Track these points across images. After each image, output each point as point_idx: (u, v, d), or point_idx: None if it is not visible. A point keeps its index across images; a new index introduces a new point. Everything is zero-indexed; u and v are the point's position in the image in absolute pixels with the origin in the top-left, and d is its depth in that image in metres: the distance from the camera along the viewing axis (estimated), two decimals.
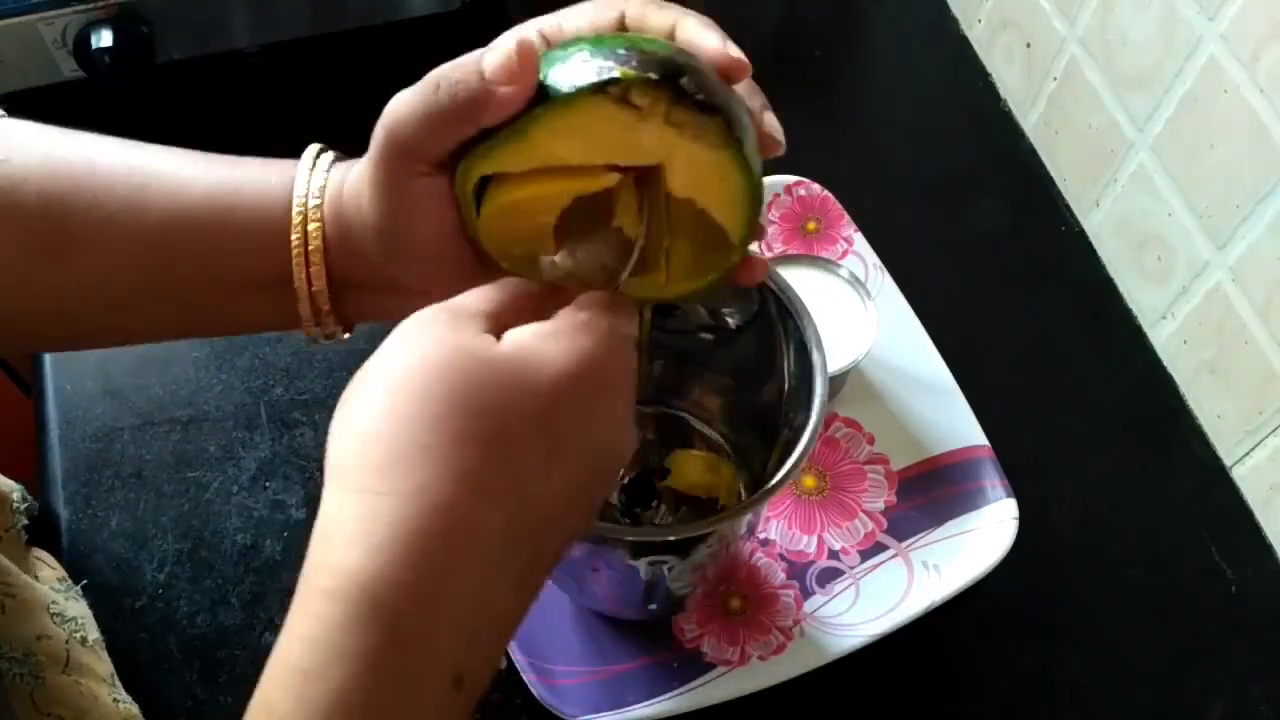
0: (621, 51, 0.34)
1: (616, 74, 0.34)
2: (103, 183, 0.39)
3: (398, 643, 0.28)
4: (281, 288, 0.39)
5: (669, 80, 0.34)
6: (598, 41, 0.35)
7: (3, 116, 0.41)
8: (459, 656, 0.29)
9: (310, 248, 0.39)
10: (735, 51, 0.36)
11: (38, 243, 0.38)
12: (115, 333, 0.43)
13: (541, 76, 0.35)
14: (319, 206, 0.39)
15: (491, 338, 0.32)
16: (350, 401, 0.32)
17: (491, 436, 0.30)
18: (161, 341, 0.46)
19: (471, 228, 0.38)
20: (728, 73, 0.36)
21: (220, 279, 0.40)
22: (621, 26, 0.38)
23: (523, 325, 0.33)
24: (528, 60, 0.33)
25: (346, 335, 0.43)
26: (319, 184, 0.39)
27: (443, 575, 0.29)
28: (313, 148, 0.41)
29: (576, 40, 0.36)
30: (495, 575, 0.30)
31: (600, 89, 0.34)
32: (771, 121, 0.37)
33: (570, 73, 0.34)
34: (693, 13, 0.37)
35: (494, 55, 0.34)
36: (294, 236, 0.39)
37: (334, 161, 0.40)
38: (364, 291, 0.40)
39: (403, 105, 0.35)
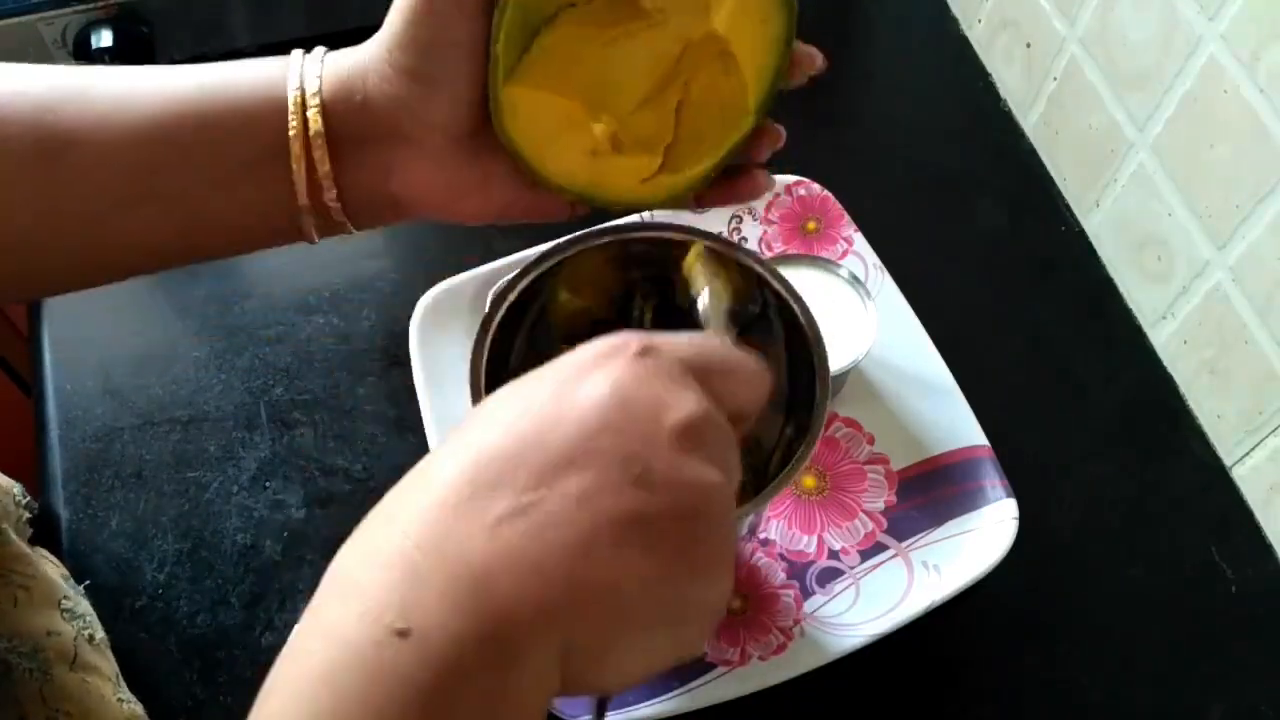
0: None
1: None
2: (96, 88, 0.39)
3: (331, 586, 0.29)
4: (279, 163, 0.40)
5: None
6: None
7: None
8: (399, 603, 0.27)
9: (311, 131, 0.39)
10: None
11: (31, 150, 0.38)
12: (108, 250, 0.42)
13: None
14: (318, 74, 0.40)
15: None
16: None
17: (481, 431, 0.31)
18: (159, 267, 0.45)
19: (495, 34, 0.38)
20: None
21: (214, 164, 0.40)
22: None
23: None
24: None
25: (354, 229, 0.43)
26: (318, 54, 0.41)
27: (376, 522, 0.30)
28: (299, 50, 0.42)
29: None
30: (440, 518, 0.29)
31: None
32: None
33: None
34: None
35: None
36: (291, 89, 0.39)
37: (328, 52, 0.42)
38: (366, 147, 0.40)
39: None
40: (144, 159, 0.39)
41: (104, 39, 0.70)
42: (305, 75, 0.40)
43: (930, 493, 0.65)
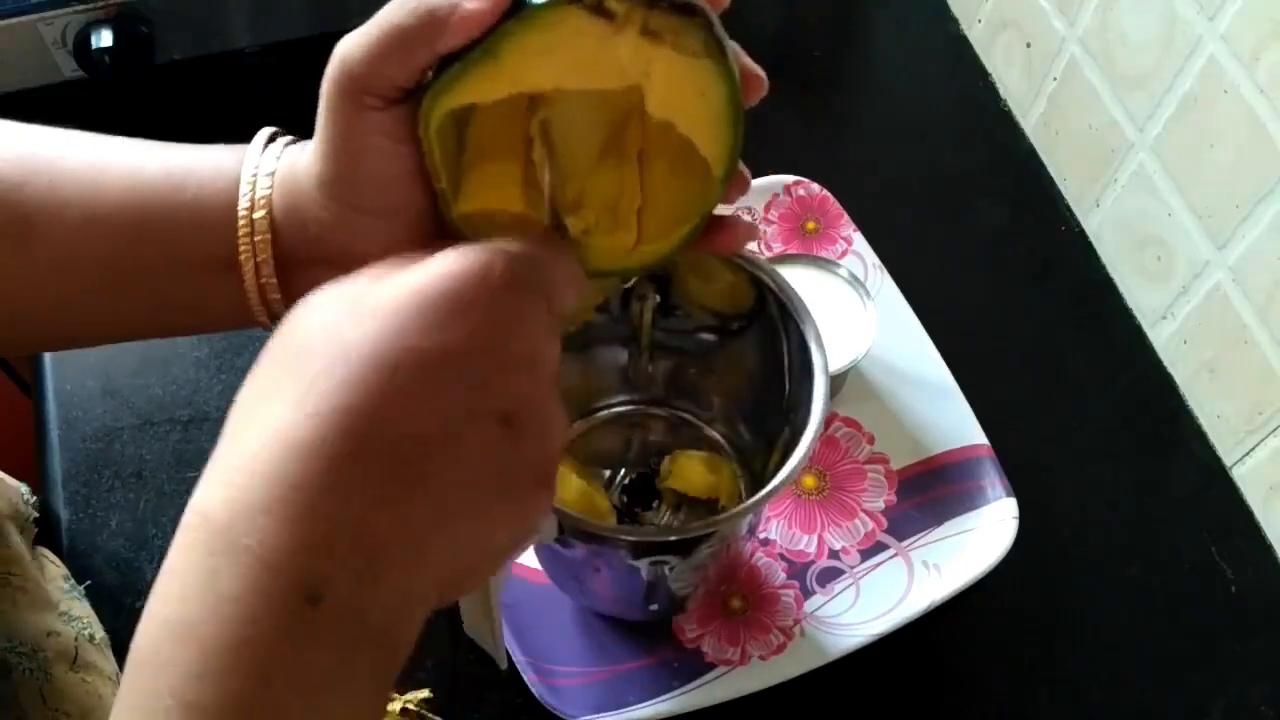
0: None
1: None
2: (60, 168, 0.38)
3: (229, 556, 0.28)
4: (237, 269, 0.38)
5: None
6: None
7: None
8: (308, 572, 0.27)
9: (257, 217, 0.38)
10: (753, 68, 0.35)
11: (2, 231, 0.38)
12: (80, 328, 0.42)
13: None
14: (268, 189, 0.38)
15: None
16: None
17: (328, 359, 0.29)
18: (130, 339, 0.44)
19: (435, 173, 0.36)
20: (746, 84, 0.35)
21: (176, 260, 0.39)
22: None
23: None
24: None
25: None
26: (273, 156, 0.38)
27: (272, 490, 0.28)
28: (264, 131, 0.40)
29: None
30: (345, 494, 0.28)
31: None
32: (749, 61, 0.36)
33: None
34: None
35: None
36: (241, 209, 0.38)
37: (289, 144, 0.39)
38: (318, 268, 0.38)
39: (354, 34, 0.34)
40: (108, 252, 0.38)
41: (104, 39, 0.70)
42: (256, 196, 0.38)
43: (930, 492, 0.65)
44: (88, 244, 0.38)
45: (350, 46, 0.34)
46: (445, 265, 0.30)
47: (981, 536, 0.62)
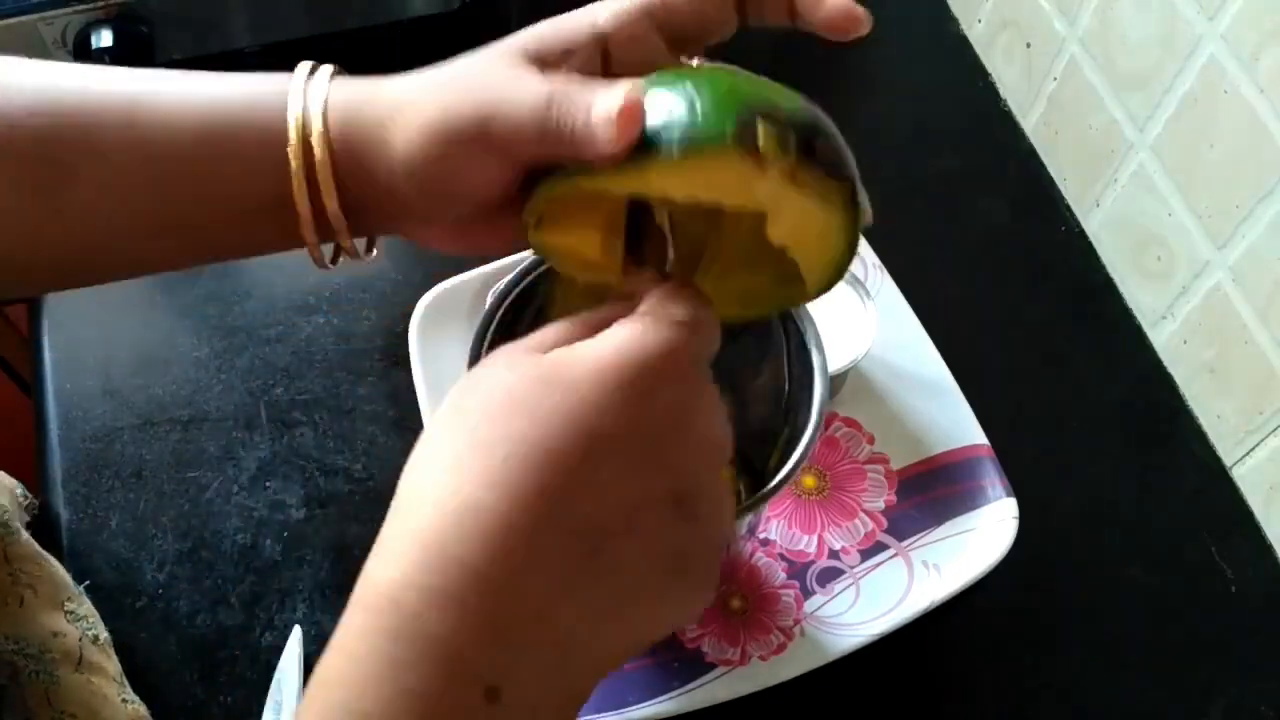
0: (754, 103, 0.33)
1: (759, 132, 0.32)
2: (95, 118, 0.37)
3: (415, 645, 0.27)
4: (286, 207, 0.38)
5: (804, 142, 0.33)
6: (715, 82, 0.33)
7: None
8: (492, 666, 0.27)
9: (319, 164, 0.37)
10: (857, 8, 0.36)
11: (31, 181, 0.37)
12: (116, 267, 0.42)
13: (647, 106, 0.33)
14: (322, 117, 0.37)
15: (540, 355, 0.31)
16: (419, 442, 0.32)
17: (523, 436, 0.29)
18: (168, 271, 0.44)
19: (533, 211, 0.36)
20: (848, 24, 0.37)
21: (220, 205, 0.38)
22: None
23: None
24: (632, 122, 0.32)
25: (368, 255, 0.41)
26: (319, 96, 0.37)
27: (471, 579, 0.27)
28: (305, 65, 0.39)
29: (687, 73, 0.34)
30: (546, 586, 0.28)
31: (735, 139, 0.32)
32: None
33: (692, 118, 0.32)
34: None
35: (603, 103, 0.32)
36: (292, 156, 0.37)
37: (334, 75, 0.38)
38: (376, 215, 0.38)
39: (510, 103, 0.34)
40: (147, 197, 0.38)
41: (104, 39, 0.70)
42: (310, 118, 0.37)
43: (930, 492, 0.65)
44: (122, 192, 0.38)
45: (501, 108, 0.34)
46: (634, 341, 0.31)
47: (981, 536, 0.62)
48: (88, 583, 0.60)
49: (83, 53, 0.71)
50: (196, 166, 0.37)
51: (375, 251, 0.41)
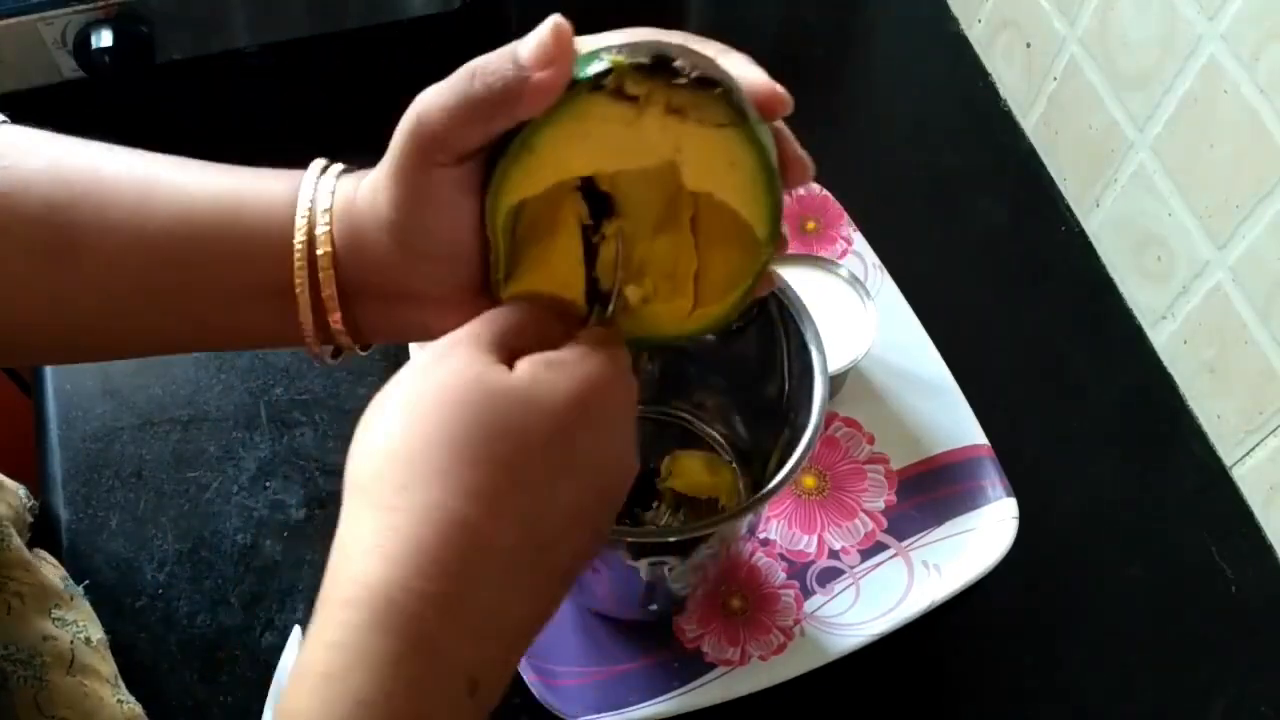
0: (614, 44, 0.34)
1: (607, 64, 0.33)
2: (108, 190, 0.38)
3: (416, 646, 0.30)
4: (286, 296, 0.39)
5: (662, 63, 0.33)
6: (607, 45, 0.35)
7: (5, 123, 0.41)
8: (474, 663, 0.31)
9: (319, 253, 0.38)
10: (778, 87, 0.36)
11: (41, 249, 0.38)
12: (116, 345, 0.43)
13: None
14: (328, 213, 0.38)
15: (504, 367, 0.34)
16: (370, 424, 0.34)
17: (504, 459, 0.32)
18: (164, 355, 0.46)
19: (495, 263, 0.37)
20: (769, 105, 0.36)
21: (223, 287, 0.39)
22: None
23: (532, 354, 0.35)
24: (564, 42, 0.33)
25: (363, 352, 0.42)
26: (327, 189, 0.38)
27: (459, 585, 0.31)
28: (319, 161, 0.40)
29: (597, 48, 0.35)
30: (509, 586, 0.32)
31: (594, 84, 0.33)
32: (765, 80, 0.36)
33: (574, 73, 0.34)
34: (734, 51, 0.37)
35: (530, 40, 0.33)
36: (297, 243, 0.38)
37: (343, 173, 0.40)
38: (375, 301, 0.39)
39: (434, 95, 0.35)
40: (153, 276, 0.39)
41: (104, 39, 0.70)
42: (316, 222, 0.38)
43: (930, 492, 0.65)
44: (133, 267, 0.38)
45: (428, 105, 0.35)
46: (590, 372, 0.35)
47: (981, 536, 0.62)
48: (87, 582, 0.60)
49: (83, 53, 0.71)
50: (203, 247, 0.38)
51: (364, 351, 0.42)
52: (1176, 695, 0.62)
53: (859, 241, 0.72)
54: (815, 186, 0.73)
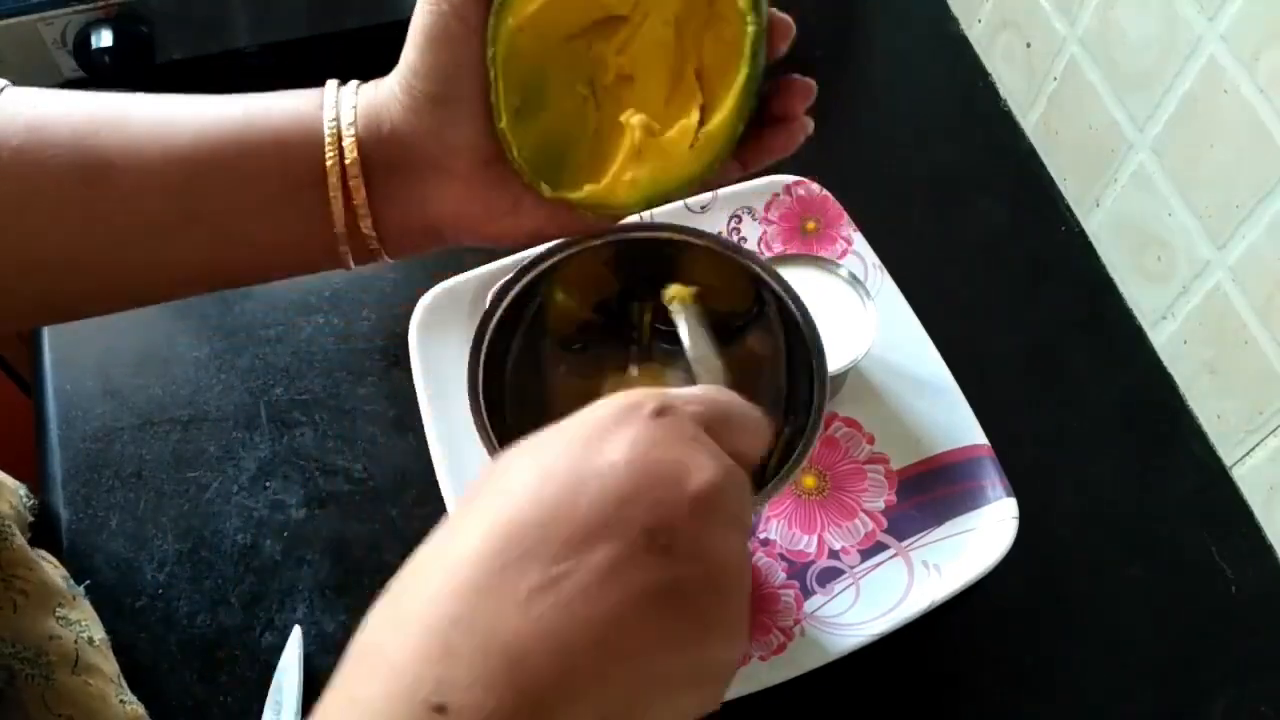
0: None
1: None
2: (133, 115, 0.40)
3: (360, 660, 0.29)
4: (315, 188, 0.41)
5: None
6: None
7: (8, 86, 0.42)
8: (433, 679, 0.28)
9: (347, 152, 0.40)
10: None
11: (74, 174, 0.39)
12: (144, 272, 0.43)
13: None
14: (353, 107, 0.41)
15: None
16: None
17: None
18: (191, 292, 0.46)
19: (498, 110, 0.40)
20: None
21: (253, 189, 0.41)
22: None
23: None
24: None
25: (386, 256, 0.44)
26: (350, 89, 0.42)
27: (404, 593, 0.30)
28: (333, 81, 0.43)
29: None
30: (472, 592, 0.29)
31: None
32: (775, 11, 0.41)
33: None
34: None
35: None
36: (327, 121, 0.41)
37: (359, 85, 0.43)
38: (388, 174, 0.41)
39: None
40: (181, 185, 0.40)
41: (104, 39, 0.70)
42: (341, 107, 0.41)
43: (930, 492, 0.65)
44: (158, 180, 0.40)
45: None
46: (600, 406, 0.33)
47: (981, 536, 0.62)
48: (88, 582, 0.60)
49: (83, 53, 0.71)
50: (234, 147, 0.40)
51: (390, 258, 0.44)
52: (1176, 695, 0.62)
53: (859, 241, 0.72)
54: (815, 186, 0.73)
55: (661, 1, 0.40)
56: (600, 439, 0.31)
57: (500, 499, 0.30)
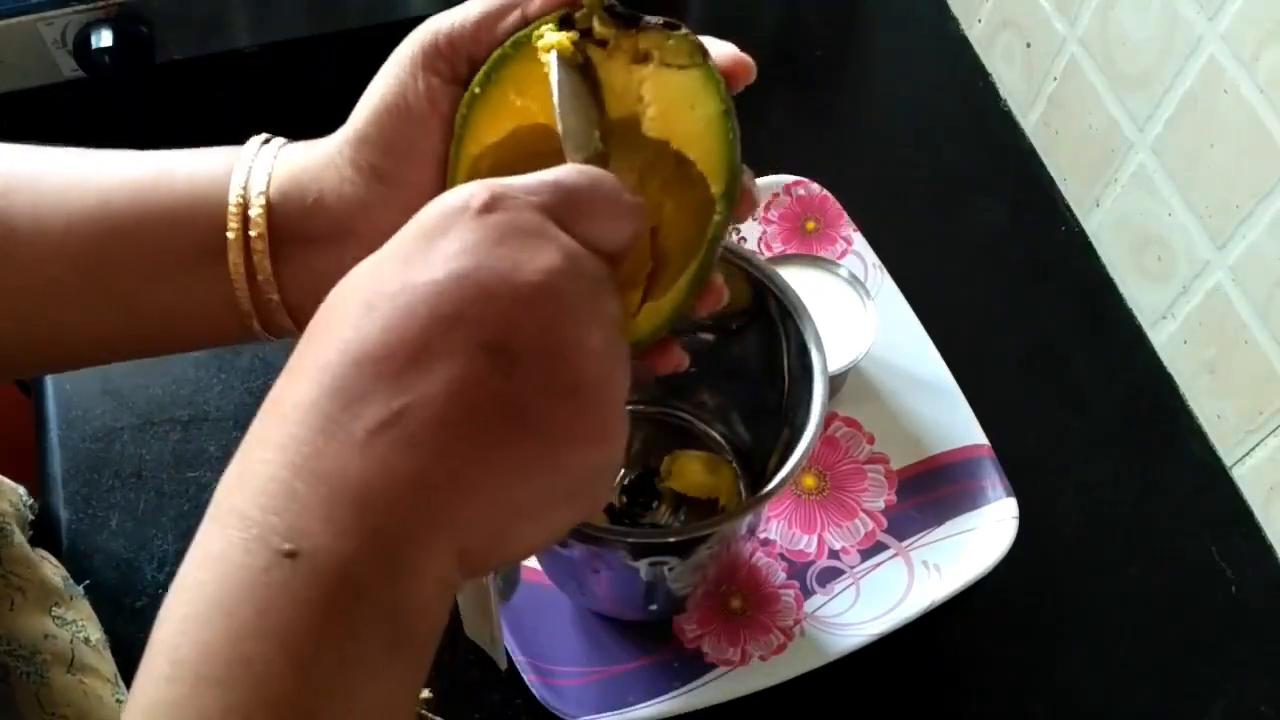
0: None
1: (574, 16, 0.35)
2: (45, 183, 0.38)
3: (212, 520, 0.28)
4: (218, 261, 0.38)
5: (628, 13, 0.35)
6: None
7: None
8: (284, 527, 0.27)
9: (253, 214, 0.38)
10: (741, 53, 0.37)
11: None
12: (51, 343, 0.41)
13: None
14: (266, 174, 0.38)
15: None
16: None
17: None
18: (100, 360, 0.44)
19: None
20: (737, 71, 0.36)
21: (159, 254, 0.38)
22: None
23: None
24: None
25: (287, 331, 0.41)
26: (267, 159, 0.39)
27: (248, 449, 0.29)
28: (257, 136, 0.40)
29: None
30: (312, 437, 0.28)
31: (563, 22, 0.35)
32: (734, 50, 0.37)
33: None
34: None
35: None
36: (233, 198, 0.38)
37: (285, 144, 0.40)
38: (304, 246, 0.39)
39: (446, 12, 0.37)
40: (84, 251, 0.38)
41: (104, 39, 0.70)
42: (253, 172, 0.38)
43: (930, 492, 0.65)
44: (64, 248, 0.38)
45: (441, 15, 0.37)
46: (426, 210, 0.30)
47: (981, 536, 0.62)
48: (87, 582, 0.60)
49: (83, 53, 0.71)
50: (136, 213, 0.38)
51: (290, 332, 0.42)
52: (1176, 695, 0.62)
53: (859, 241, 0.72)
54: (815, 186, 0.73)
55: (628, 146, 0.37)
56: (425, 252, 0.29)
57: (328, 335, 0.29)
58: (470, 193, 0.30)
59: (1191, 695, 0.62)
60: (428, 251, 0.29)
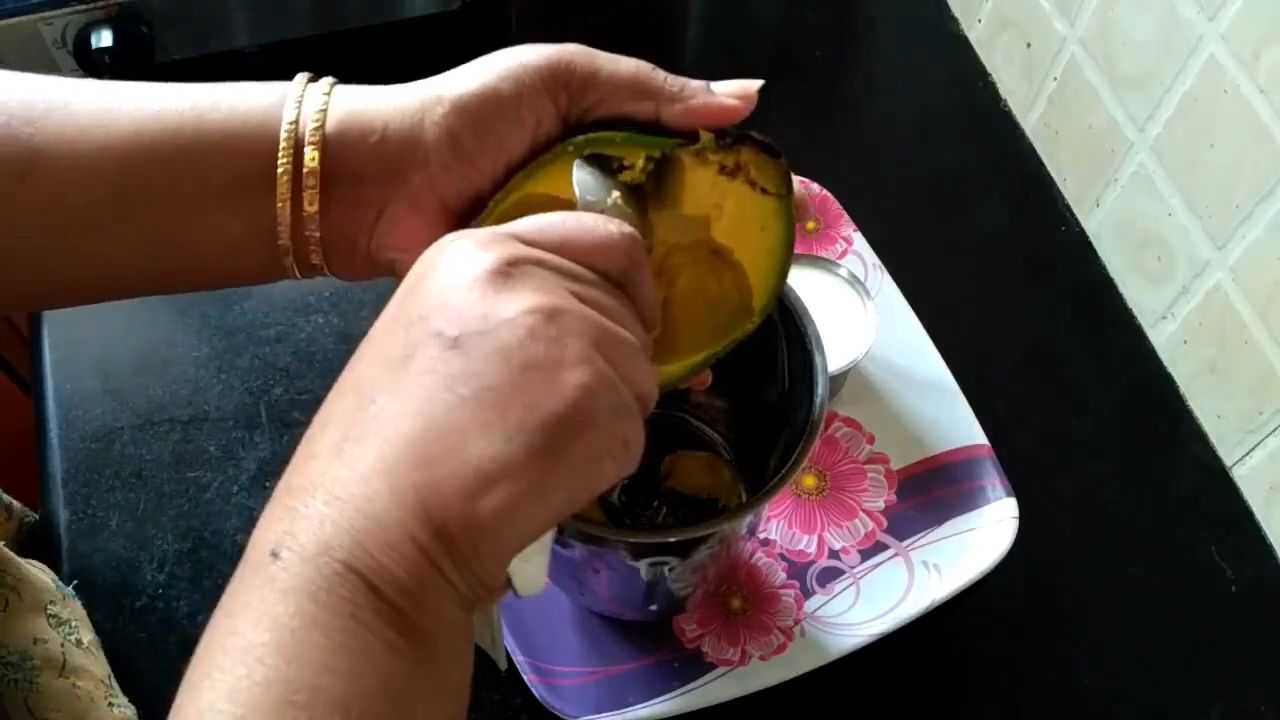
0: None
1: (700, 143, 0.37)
2: (78, 99, 0.38)
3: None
4: (261, 196, 0.38)
5: (738, 133, 0.37)
6: None
7: None
8: (279, 533, 0.29)
9: (306, 167, 0.37)
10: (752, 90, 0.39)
11: (4, 168, 0.36)
12: (71, 270, 0.40)
13: None
14: (319, 124, 0.38)
15: None
16: None
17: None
18: (121, 293, 0.42)
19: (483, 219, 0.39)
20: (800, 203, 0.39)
21: (193, 186, 0.38)
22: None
23: None
24: (751, 100, 0.37)
25: (325, 272, 0.41)
26: (322, 89, 0.39)
27: (281, 492, 0.31)
28: (304, 74, 0.40)
29: None
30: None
31: (683, 144, 0.37)
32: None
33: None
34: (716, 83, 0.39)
35: (728, 83, 0.38)
36: (285, 125, 0.37)
37: (335, 83, 0.40)
38: (362, 187, 0.39)
39: (603, 54, 0.38)
40: (117, 178, 0.37)
41: (104, 39, 0.70)
42: (305, 108, 0.38)
43: (930, 492, 0.65)
44: (93, 172, 0.37)
45: (592, 54, 0.38)
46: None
47: (981, 536, 0.62)
48: (76, 583, 0.60)
49: (83, 52, 0.71)
50: (175, 141, 0.37)
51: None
52: (1176, 695, 0.62)
53: (859, 241, 0.72)
54: (815, 186, 0.73)
55: (668, 226, 0.39)
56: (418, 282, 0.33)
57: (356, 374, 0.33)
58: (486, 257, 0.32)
59: (1191, 695, 0.62)
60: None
